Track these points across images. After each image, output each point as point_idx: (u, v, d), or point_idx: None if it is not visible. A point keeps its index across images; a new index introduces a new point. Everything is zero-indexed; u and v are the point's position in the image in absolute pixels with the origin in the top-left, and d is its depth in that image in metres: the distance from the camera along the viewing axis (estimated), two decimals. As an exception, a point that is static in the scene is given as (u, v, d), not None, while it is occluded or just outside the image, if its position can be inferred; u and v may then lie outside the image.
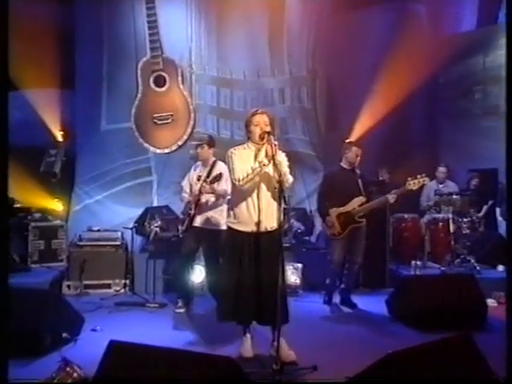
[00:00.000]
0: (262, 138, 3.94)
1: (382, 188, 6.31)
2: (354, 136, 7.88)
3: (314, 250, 6.79)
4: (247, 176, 3.88)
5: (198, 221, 5.26)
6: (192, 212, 5.27)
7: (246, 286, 3.93)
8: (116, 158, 8.14)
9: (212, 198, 5.19)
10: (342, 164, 5.60)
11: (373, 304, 5.70)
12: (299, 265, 6.26)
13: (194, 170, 5.50)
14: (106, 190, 8.12)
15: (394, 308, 5.24)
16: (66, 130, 7.91)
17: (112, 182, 8.12)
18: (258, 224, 3.94)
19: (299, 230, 7.02)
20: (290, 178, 3.98)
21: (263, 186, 3.97)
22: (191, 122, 8.21)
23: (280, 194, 3.73)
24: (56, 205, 7.47)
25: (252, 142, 4.05)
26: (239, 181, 3.91)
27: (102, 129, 8.17)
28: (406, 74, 7.82)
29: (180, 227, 5.44)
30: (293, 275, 6.21)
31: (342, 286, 5.73)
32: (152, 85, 8.15)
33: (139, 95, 8.15)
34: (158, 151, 8.20)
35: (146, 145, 8.19)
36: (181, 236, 5.49)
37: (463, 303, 4.87)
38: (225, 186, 5.05)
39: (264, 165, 3.84)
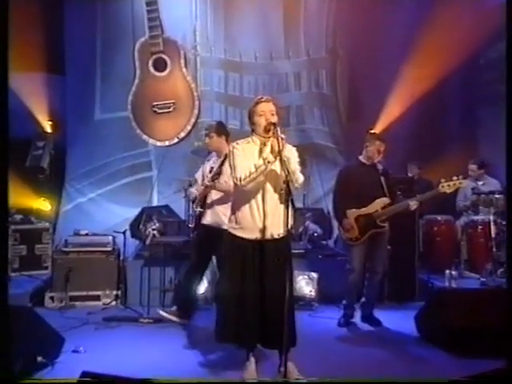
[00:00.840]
0: (267, 131, 3.78)
1: (410, 186, 6.14)
2: (380, 126, 7.71)
3: (331, 257, 6.58)
4: (250, 175, 3.71)
5: (209, 219, 5.07)
6: (200, 209, 5.13)
7: (248, 302, 3.79)
8: (111, 152, 8.09)
9: (213, 195, 5.03)
10: (360, 158, 5.37)
11: (399, 321, 5.45)
12: (314, 274, 6.05)
13: (208, 160, 5.34)
14: (100, 187, 8.07)
15: (425, 326, 4.98)
16: (55, 120, 7.81)
17: (107, 179, 8.08)
18: (263, 230, 3.77)
19: (315, 234, 6.84)
20: (301, 177, 3.81)
21: (269, 187, 3.81)
22: (195, 111, 8.10)
23: (287, 196, 3.56)
24: (43, 204, 7.37)
25: (257, 134, 3.90)
26: (241, 180, 3.75)
27: (96, 118, 8.14)
28: (440, 55, 7.63)
29: (190, 226, 5.33)
30: (307, 286, 5.99)
31: (363, 299, 5.48)
32: (151, 69, 8.05)
33: (137, 81, 8.08)
34: (159, 144, 8.14)
35: (144, 136, 8.12)
36: (191, 237, 5.40)
37: (508, 323, 4.55)
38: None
39: (269, 162, 3.67)
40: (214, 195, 5.03)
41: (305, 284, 5.99)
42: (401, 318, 5.52)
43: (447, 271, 6.19)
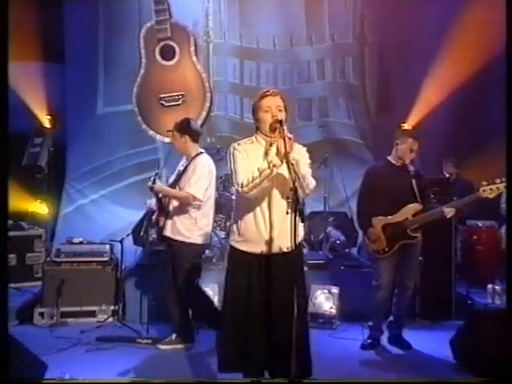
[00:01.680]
0: (273, 129, 3.60)
1: (445, 188, 6.01)
2: (413, 120, 7.62)
3: (355, 268, 6.41)
4: (253, 180, 3.50)
5: (169, 229, 4.98)
6: (156, 217, 5.06)
7: (254, 325, 3.63)
8: (115, 149, 8.16)
9: (174, 202, 4.94)
10: (389, 158, 5.16)
11: (433, 343, 5.23)
12: (335, 289, 5.89)
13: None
14: (103, 187, 8.15)
15: (463, 351, 4.73)
16: (54, 114, 7.81)
17: (111, 178, 8.16)
18: (270, 243, 3.62)
19: (338, 241, 6.72)
20: (312, 183, 3.61)
21: (276, 193, 3.63)
22: (207, 104, 8.12)
23: (295, 204, 3.30)
24: (40, 207, 7.33)
25: (261, 133, 3.74)
26: (243, 186, 3.55)
27: (98, 112, 8.22)
28: (481, 42, 7.50)
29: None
30: (327, 302, 5.82)
31: (391, 318, 5.28)
32: (158, 57, 8.12)
33: (142, 71, 8.15)
34: (167, 140, 8.04)
35: (151, 132, 8.20)
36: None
37: None
38: (193, 188, 4.78)
39: (274, 165, 3.45)
40: (176, 202, 4.94)
41: (324, 299, 5.84)
42: (434, 339, 5.33)
43: (489, 285, 6.07)
